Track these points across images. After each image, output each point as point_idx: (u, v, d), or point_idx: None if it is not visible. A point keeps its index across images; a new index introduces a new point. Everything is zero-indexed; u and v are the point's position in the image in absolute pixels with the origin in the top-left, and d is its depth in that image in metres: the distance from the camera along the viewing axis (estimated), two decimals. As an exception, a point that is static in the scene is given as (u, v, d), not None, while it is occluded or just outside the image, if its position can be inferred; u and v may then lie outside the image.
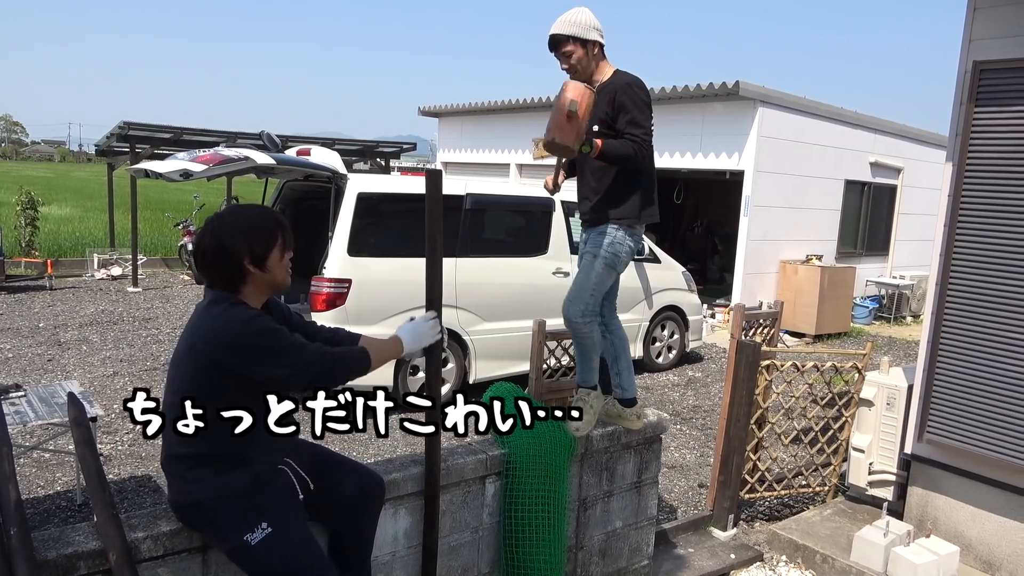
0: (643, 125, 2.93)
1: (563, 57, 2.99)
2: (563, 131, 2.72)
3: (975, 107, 3.77)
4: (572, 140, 2.74)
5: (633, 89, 2.94)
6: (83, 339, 8.08)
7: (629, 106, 2.91)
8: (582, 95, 2.72)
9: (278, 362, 1.99)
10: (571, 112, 2.68)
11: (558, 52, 3.00)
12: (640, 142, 2.92)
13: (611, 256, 3.03)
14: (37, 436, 5.03)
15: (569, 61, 2.98)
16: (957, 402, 3.87)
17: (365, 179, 6.23)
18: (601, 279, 3.05)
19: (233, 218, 2.07)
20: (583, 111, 2.71)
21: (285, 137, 10.49)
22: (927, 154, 12.86)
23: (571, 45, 2.96)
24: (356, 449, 5.36)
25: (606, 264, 3.03)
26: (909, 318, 12.17)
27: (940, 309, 3.93)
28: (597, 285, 3.05)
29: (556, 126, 2.73)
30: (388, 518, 2.60)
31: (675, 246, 13.24)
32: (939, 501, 4.08)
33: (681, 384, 7.66)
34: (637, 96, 2.93)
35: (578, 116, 2.70)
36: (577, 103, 2.68)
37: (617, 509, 3.41)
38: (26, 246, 12.88)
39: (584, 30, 2.95)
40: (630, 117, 2.91)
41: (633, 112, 2.91)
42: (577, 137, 2.74)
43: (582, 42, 2.96)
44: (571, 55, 2.97)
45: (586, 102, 2.73)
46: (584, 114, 2.72)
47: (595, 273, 3.04)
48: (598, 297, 3.07)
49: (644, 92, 2.98)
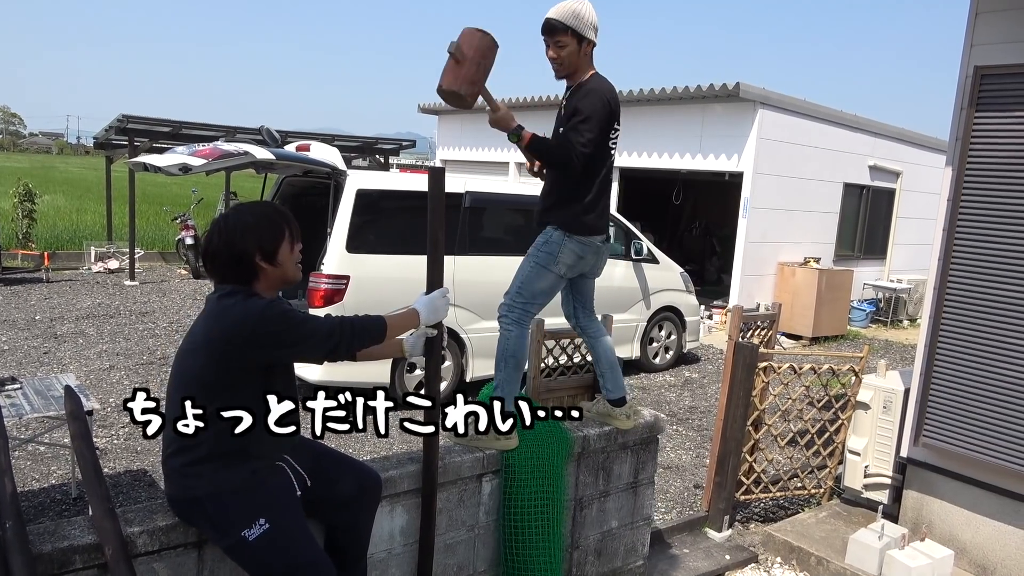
0: (584, 136, 2.83)
1: (554, 45, 2.87)
2: (448, 76, 2.61)
3: (976, 112, 3.78)
4: (457, 85, 2.60)
5: (594, 98, 2.85)
6: (79, 332, 8.07)
7: (583, 112, 2.84)
8: (470, 39, 2.60)
9: (300, 337, 2.04)
10: (454, 56, 2.56)
11: (551, 39, 2.87)
12: (571, 148, 2.83)
13: (544, 256, 2.96)
14: (32, 429, 5.02)
15: (559, 51, 2.87)
16: (954, 406, 3.87)
17: (364, 175, 6.22)
18: (529, 278, 2.98)
19: (239, 217, 2.08)
20: (471, 54, 2.58)
21: (284, 132, 10.48)
22: (926, 158, 12.88)
23: (567, 36, 2.84)
24: (352, 446, 5.35)
25: (536, 263, 2.98)
26: (906, 322, 12.20)
27: (938, 313, 3.94)
28: (524, 283, 2.98)
29: (444, 71, 2.62)
30: (385, 515, 2.59)
31: (673, 247, 13.25)
32: (934, 505, 4.09)
33: (678, 385, 7.67)
34: (594, 107, 2.84)
35: (465, 61, 2.57)
36: (457, 44, 2.57)
37: (613, 509, 3.41)
38: (23, 238, 12.85)
39: (584, 26, 2.85)
40: (576, 122, 2.84)
41: (582, 119, 2.83)
42: (464, 82, 2.60)
43: (578, 37, 2.86)
44: (563, 47, 2.86)
45: (475, 45, 2.60)
46: (474, 57, 2.59)
47: (524, 271, 3.00)
48: (526, 297, 2.97)
49: (605, 105, 2.87)
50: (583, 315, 3.25)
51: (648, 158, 11.39)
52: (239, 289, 2.02)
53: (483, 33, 2.63)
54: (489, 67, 2.67)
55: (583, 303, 3.23)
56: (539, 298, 3.01)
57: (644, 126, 11.21)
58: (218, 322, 1.97)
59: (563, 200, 2.97)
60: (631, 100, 11.07)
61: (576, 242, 2.98)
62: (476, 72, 2.62)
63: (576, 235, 2.97)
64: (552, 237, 2.97)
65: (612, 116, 2.93)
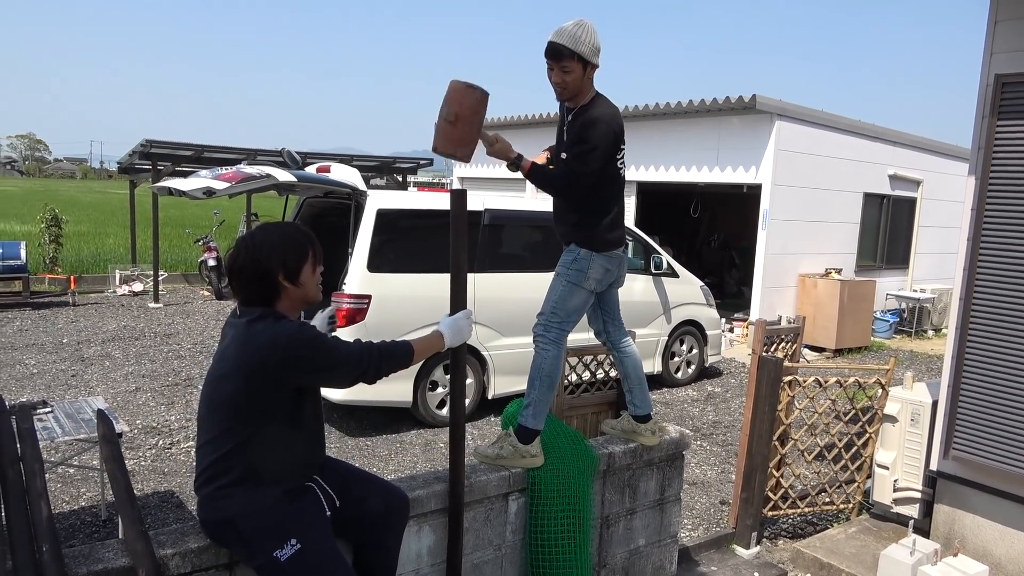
0: (590, 165, 2.83)
1: (559, 70, 2.84)
2: (444, 138, 2.63)
3: (997, 120, 3.75)
4: (452, 148, 2.64)
5: (601, 126, 2.84)
6: (106, 355, 8.18)
7: (589, 141, 2.83)
8: (461, 100, 2.60)
9: (330, 363, 2.08)
10: (448, 121, 2.59)
11: (556, 63, 2.84)
12: (575, 178, 2.85)
13: (575, 274, 2.98)
14: (63, 452, 5.08)
15: (564, 77, 2.85)
16: (984, 418, 3.82)
17: (385, 195, 6.28)
18: (562, 297, 3.00)
19: (265, 235, 2.11)
20: (464, 114, 2.60)
21: (304, 154, 10.61)
22: (947, 166, 12.76)
23: (573, 62, 2.81)
24: (376, 465, 5.37)
25: (568, 281, 2.99)
26: (931, 332, 12.04)
27: (965, 323, 3.89)
28: (558, 302, 3.00)
29: (437, 133, 2.64)
30: (412, 535, 2.60)
31: (692, 260, 13.21)
32: (967, 519, 4.02)
33: (700, 399, 7.61)
34: (600, 135, 2.83)
35: (458, 123, 2.59)
36: (453, 111, 2.58)
37: (640, 527, 3.39)
38: (50, 262, 13.07)
39: (590, 52, 2.82)
40: (581, 151, 2.85)
41: (588, 149, 2.83)
42: (460, 143, 2.63)
43: (584, 62, 2.83)
44: (569, 72, 2.83)
45: (467, 105, 2.61)
46: (466, 117, 2.60)
47: (556, 291, 3.01)
48: (562, 316, 2.99)
49: (610, 132, 2.86)
50: (613, 328, 3.25)
51: (665, 172, 11.38)
52: (268, 312, 2.05)
53: (472, 89, 2.64)
54: (482, 120, 2.70)
55: (611, 316, 3.23)
56: (573, 316, 3.04)
57: (661, 140, 11.22)
58: (249, 346, 1.99)
59: (584, 220, 2.99)
60: (647, 114, 11.10)
61: (603, 257, 3.01)
62: (469, 131, 2.66)
63: (602, 252, 3.00)
64: (580, 255, 2.99)
65: (617, 141, 2.93)
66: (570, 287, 3.00)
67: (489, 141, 2.84)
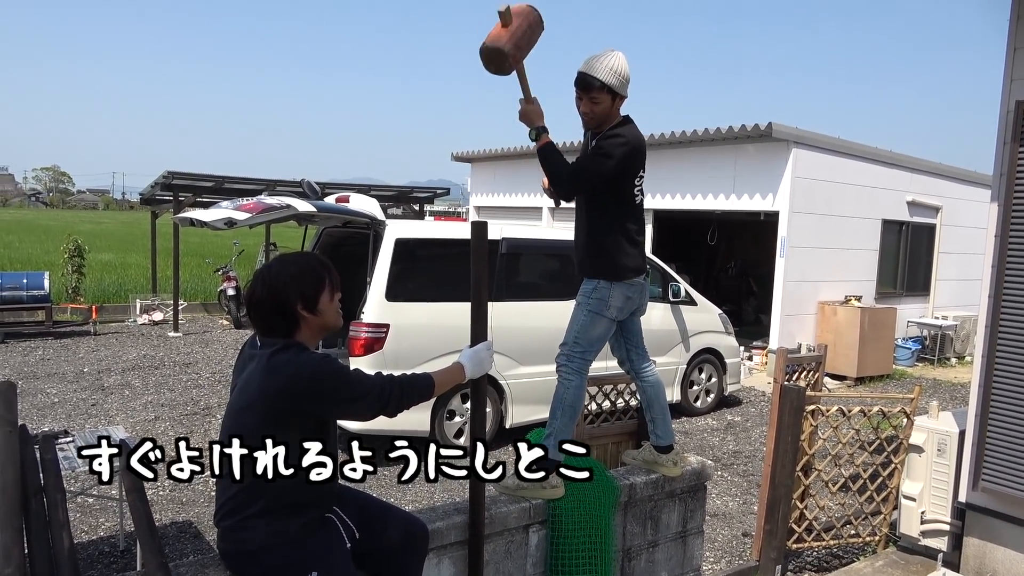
0: (603, 168, 2.83)
1: (588, 100, 2.84)
2: (494, 34, 2.61)
3: (1020, 146, 3.73)
4: (502, 42, 2.56)
5: (620, 140, 2.84)
6: (126, 384, 8.24)
7: (608, 152, 2.83)
8: (520, 8, 2.60)
9: (353, 396, 2.07)
10: (503, 17, 2.57)
11: (586, 94, 2.84)
12: (580, 174, 2.85)
13: (596, 303, 2.97)
14: (82, 481, 5.10)
15: (593, 107, 2.85)
16: (1014, 448, 3.74)
17: (403, 225, 6.33)
18: (584, 327, 2.99)
19: (282, 267, 2.13)
20: (519, 20, 2.59)
21: (323, 184, 10.73)
22: (966, 192, 12.67)
23: (603, 94, 2.82)
24: (394, 495, 5.33)
25: (590, 310, 2.98)
26: (954, 359, 11.86)
27: (991, 352, 3.83)
28: (580, 332, 2.99)
29: (491, 33, 2.62)
30: (432, 568, 2.57)
31: (709, 287, 13.14)
32: (997, 553, 3.92)
33: (720, 428, 7.52)
34: (618, 148, 2.83)
35: (512, 23, 2.58)
36: (510, 8, 2.57)
37: (662, 559, 3.34)
38: (72, 292, 13.24)
39: (621, 84, 2.83)
40: (598, 155, 2.84)
41: (604, 154, 2.82)
42: (509, 41, 2.58)
43: (613, 95, 2.84)
44: (598, 103, 2.84)
45: (524, 14, 2.60)
46: (521, 24, 2.59)
47: (578, 320, 3.01)
48: (584, 346, 2.98)
49: (631, 151, 2.86)
50: (636, 357, 3.22)
51: (682, 199, 11.39)
52: (290, 344, 2.06)
53: (532, 8, 2.65)
54: (534, 40, 2.66)
55: (635, 344, 3.21)
56: (596, 345, 3.03)
57: (677, 168, 11.24)
58: (273, 377, 1.99)
59: (606, 251, 2.98)
60: (663, 143, 11.14)
61: (624, 285, 3.00)
62: (521, 36, 2.61)
63: (622, 280, 2.99)
64: (600, 284, 2.98)
65: (637, 161, 2.92)
66: (592, 316, 2.98)
67: (527, 93, 2.77)
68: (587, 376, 3.07)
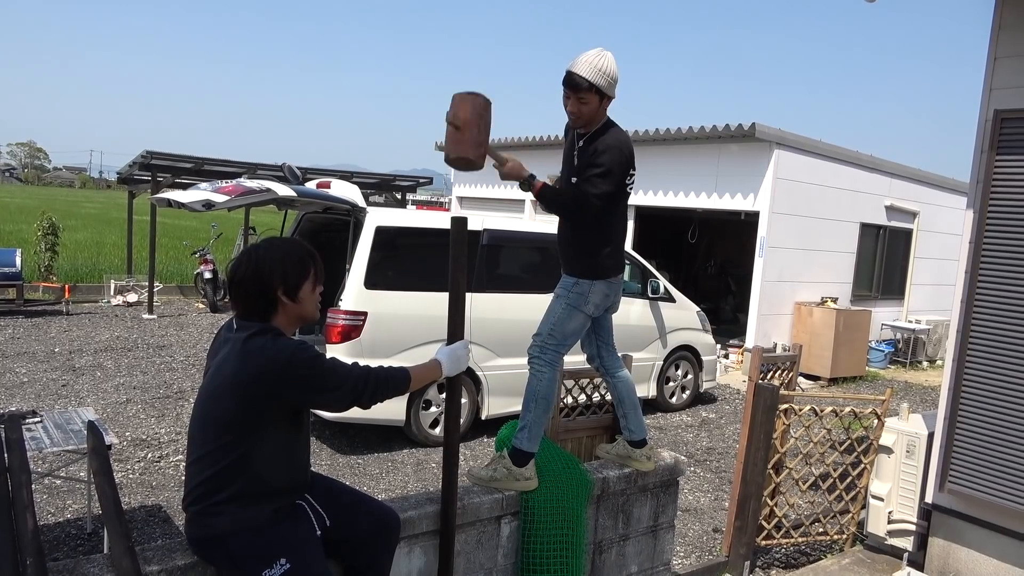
0: (601, 188, 2.83)
1: (576, 100, 2.83)
2: (453, 145, 2.65)
3: (996, 155, 3.78)
4: (464, 151, 2.64)
5: (614, 153, 2.84)
6: (97, 365, 8.12)
7: (602, 166, 2.82)
8: (463, 106, 2.62)
9: (328, 385, 2.06)
10: (453, 124, 2.61)
11: (574, 94, 2.82)
12: (585, 200, 2.84)
13: (575, 297, 2.97)
14: (50, 463, 5.03)
15: (581, 107, 2.84)
16: (980, 451, 3.80)
17: (384, 213, 6.28)
18: (561, 319, 2.98)
19: (270, 249, 2.11)
20: (469, 119, 2.61)
21: (304, 169, 10.63)
22: (943, 199, 12.85)
23: (591, 94, 2.81)
24: (367, 483, 5.32)
25: (568, 304, 2.98)
26: (925, 363, 12.05)
27: (962, 356, 3.89)
28: (556, 325, 2.98)
29: (448, 142, 2.67)
30: (403, 556, 2.56)
31: (688, 285, 13.22)
32: (961, 553, 3.99)
33: (695, 425, 7.58)
34: (614, 162, 2.83)
35: (465, 127, 2.61)
36: (458, 116, 2.60)
37: (633, 553, 3.36)
38: (45, 271, 13.02)
39: (609, 85, 2.83)
40: (593, 174, 2.83)
41: (600, 172, 2.82)
42: (470, 146, 2.63)
43: (601, 95, 2.83)
44: (586, 103, 2.83)
45: (470, 109, 2.62)
46: (473, 120, 2.61)
47: (555, 313, 3.00)
48: (559, 339, 2.98)
49: (624, 161, 2.87)
50: (606, 353, 3.22)
51: (664, 197, 11.44)
52: (266, 328, 2.04)
53: (474, 96, 2.66)
54: (488, 125, 2.70)
55: (605, 340, 3.22)
56: (570, 339, 3.02)
57: (660, 165, 11.27)
58: (247, 363, 1.97)
59: (588, 251, 2.98)
60: (647, 140, 11.16)
61: (604, 282, 3.00)
62: (478, 134, 2.65)
63: (603, 279, 3.00)
64: (581, 280, 2.98)
65: (628, 167, 2.93)
66: (569, 310, 2.98)
67: (501, 161, 2.82)
68: (560, 368, 3.07)
